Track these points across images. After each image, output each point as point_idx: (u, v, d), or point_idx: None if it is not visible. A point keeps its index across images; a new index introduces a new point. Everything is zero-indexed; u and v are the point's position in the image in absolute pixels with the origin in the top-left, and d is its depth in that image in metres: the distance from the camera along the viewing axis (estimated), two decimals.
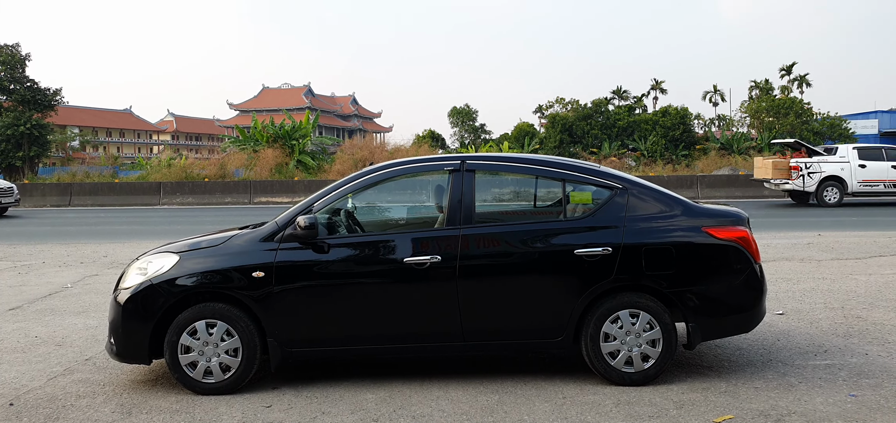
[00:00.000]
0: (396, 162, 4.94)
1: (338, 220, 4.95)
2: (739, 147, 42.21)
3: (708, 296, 4.56)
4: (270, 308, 4.45)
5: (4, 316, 6.97)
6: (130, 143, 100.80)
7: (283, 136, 33.09)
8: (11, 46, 40.17)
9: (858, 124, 53.72)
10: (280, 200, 25.31)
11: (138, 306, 4.49)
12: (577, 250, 4.48)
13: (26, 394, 4.60)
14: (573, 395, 4.37)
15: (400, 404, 4.29)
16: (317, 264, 4.50)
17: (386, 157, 31.18)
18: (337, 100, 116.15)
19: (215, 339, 4.46)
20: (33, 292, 8.22)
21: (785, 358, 5.07)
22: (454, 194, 4.63)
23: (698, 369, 4.86)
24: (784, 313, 6.47)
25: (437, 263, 4.45)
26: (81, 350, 5.65)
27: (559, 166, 4.90)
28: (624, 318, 4.49)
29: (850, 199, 19.35)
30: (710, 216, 4.68)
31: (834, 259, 9.59)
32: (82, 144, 74.71)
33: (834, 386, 4.45)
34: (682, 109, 49.29)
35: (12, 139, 38.61)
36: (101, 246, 12.47)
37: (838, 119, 48.82)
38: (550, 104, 60.56)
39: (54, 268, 10.01)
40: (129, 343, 4.52)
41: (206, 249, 4.64)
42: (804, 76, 66.79)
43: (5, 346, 5.82)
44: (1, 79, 39.87)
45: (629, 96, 61.47)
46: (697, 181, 25.62)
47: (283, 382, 4.71)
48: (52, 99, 41.30)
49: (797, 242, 11.47)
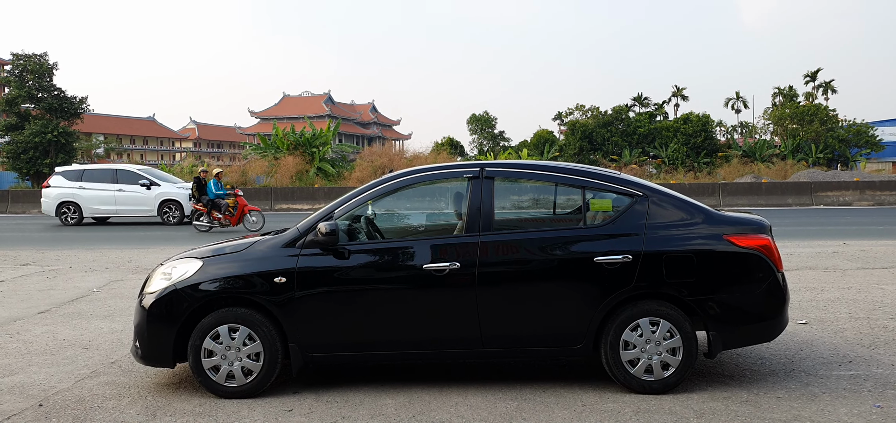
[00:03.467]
0: (416, 169, 4.98)
1: (358, 226, 5.00)
2: (762, 155, 41.74)
3: (729, 304, 4.52)
4: (292, 313, 4.50)
5: (33, 319, 7.12)
6: (153, 150, 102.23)
7: (304, 143, 33.38)
8: (40, 56, 41.00)
9: (885, 131, 52.85)
10: (301, 207, 25.51)
11: (163, 310, 4.57)
12: (596, 258, 4.47)
13: (55, 395, 4.70)
14: (592, 403, 4.36)
15: (419, 409, 4.31)
16: (337, 269, 4.55)
17: (404, 164, 31.29)
18: (356, 107, 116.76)
19: (237, 343, 4.52)
20: (61, 296, 8.38)
21: (808, 368, 5.01)
22: (473, 201, 4.65)
23: (719, 378, 4.83)
24: (807, 323, 6.39)
25: (456, 269, 4.47)
26: (107, 353, 5.76)
27: (579, 173, 4.90)
28: (644, 326, 4.47)
29: None
30: (731, 224, 4.65)
31: (860, 268, 9.45)
32: (107, 152, 76.12)
33: (858, 397, 4.39)
34: (704, 117, 48.89)
35: (40, 147, 39.38)
36: (126, 252, 12.67)
37: (865, 126, 48.09)
38: (570, 111, 60.39)
39: (81, 273, 10.19)
40: (154, 347, 4.60)
41: (229, 254, 4.70)
42: (829, 82, 65.86)
43: (34, 348, 5.95)
44: (29, 87, 40.68)
45: (650, 103, 61.04)
46: (719, 189, 25.40)
47: (304, 386, 4.76)
48: (78, 107, 42.04)
49: (822, 250, 11.31)
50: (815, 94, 63.66)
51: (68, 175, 20.15)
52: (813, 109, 48.02)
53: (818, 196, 25.06)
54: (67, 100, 41.41)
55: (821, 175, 30.07)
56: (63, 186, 19.71)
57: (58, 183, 19.90)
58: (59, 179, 20.00)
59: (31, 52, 41.01)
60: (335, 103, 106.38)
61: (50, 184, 20.05)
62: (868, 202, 24.71)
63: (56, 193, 19.65)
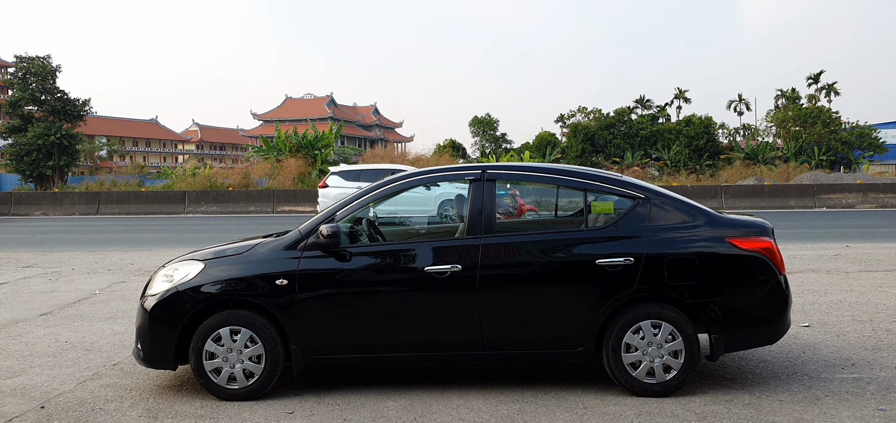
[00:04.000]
0: (418, 171, 4.98)
1: (360, 229, 5.00)
2: (765, 157, 41.67)
3: (731, 307, 4.52)
4: (293, 316, 4.50)
5: (36, 321, 7.13)
6: (156, 152, 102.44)
7: (306, 146, 33.42)
8: (43, 58, 41.13)
9: (888, 133, 52.75)
10: (303, 210, 25.53)
11: (164, 312, 4.58)
12: (598, 260, 4.47)
13: (57, 397, 4.70)
14: (594, 405, 4.35)
15: (420, 412, 4.31)
16: (339, 272, 4.55)
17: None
18: (359, 110, 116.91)
19: (239, 345, 4.53)
20: (63, 297, 8.39)
21: (811, 371, 5.00)
22: (475, 204, 4.65)
23: (721, 381, 4.82)
24: (810, 326, 6.38)
25: (457, 272, 4.46)
26: (109, 355, 5.76)
27: (580, 176, 4.90)
28: (646, 328, 4.47)
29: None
30: (733, 227, 4.64)
31: (863, 271, 9.43)
32: (110, 154, 76.26)
33: (861, 400, 4.38)
34: (707, 119, 48.83)
35: (43, 149, 39.50)
36: (128, 254, 12.69)
37: (867, 128, 48.01)
38: (572, 113, 60.42)
39: (83, 275, 10.20)
40: (156, 349, 4.61)
41: (231, 257, 4.71)
42: (832, 85, 65.77)
43: (37, 350, 5.96)
44: (33, 90, 40.80)
45: (652, 105, 61.04)
46: (721, 191, 25.36)
47: (306, 389, 4.76)
48: (81, 109, 42.16)
49: (824, 253, 11.29)
50: (818, 96, 63.59)
51: (345, 175, 19.63)
52: (816, 112, 47.96)
53: (821, 199, 25.01)
54: (70, 102, 41.53)
55: (823, 178, 30.00)
56: (340, 187, 18.98)
57: (335, 183, 19.36)
58: (336, 179, 19.53)
59: (34, 55, 41.20)
60: (338, 105, 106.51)
61: (327, 184, 19.46)
62: (871, 205, 24.65)
63: (334, 194, 18.64)
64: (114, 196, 27.73)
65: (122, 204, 27.01)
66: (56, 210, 26.87)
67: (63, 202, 27.41)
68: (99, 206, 27.02)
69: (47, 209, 27.04)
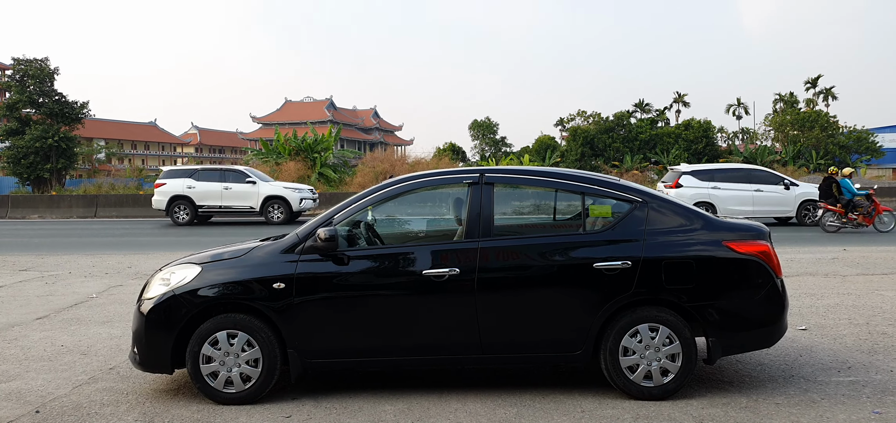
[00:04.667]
0: (416, 175, 4.98)
1: (358, 232, 5.00)
2: (763, 161, 41.75)
3: (728, 311, 4.52)
4: (291, 319, 4.50)
5: (32, 325, 7.11)
6: (155, 155, 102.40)
7: (306, 149, 33.41)
8: (41, 61, 41.08)
9: (886, 137, 52.82)
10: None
11: (161, 316, 4.57)
12: (596, 264, 4.47)
13: (52, 402, 4.69)
14: (592, 409, 4.35)
15: (418, 416, 4.30)
16: (336, 275, 4.55)
17: (406, 170, 31.31)
18: (358, 113, 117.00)
19: (236, 349, 4.52)
20: (59, 301, 8.38)
21: (807, 374, 5.00)
22: (473, 207, 4.65)
23: (719, 384, 4.82)
24: (807, 329, 6.38)
25: (455, 275, 4.46)
26: (106, 359, 5.75)
27: (578, 179, 4.90)
28: (643, 332, 4.47)
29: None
30: (730, 230, 4.64)
31: (859, 274, 9.44)
32: (108, 157, 76.19)
33: (857, 403, 4.39)
34: (705, 123, 48.96)
35: (41, 152, 39.43)
36: (126, 257, 12.67)
37: (865, 133, 48.12)
38: (572, 117, 60.49)
39: (80, 278, 10.19)
40: (152, 353, 4.60)
41: (228, 260, 4.70)
42: (830, 89, 65.91)
43: (32, 354, 5.94)
44: (30, 93, 40.75)
45: (651, 109, 61.11)
46: None
47: (303, 393, 4.75)
48: (79, 112, 42.10)
49: (821, 256, 11.30)
50: (816, 100, 63.74)
51: (699, 175, 18.55)
52: (813, 116, 48.07)
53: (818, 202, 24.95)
54: (68, 105, 41.47)
55: None
56: (695, 187, 17.86)
57: (689, 183, 18.06)
58: (690, 179, 18.12)
59: (32, 57, 41.14)
60: (337, 109, 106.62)
61: (681, 184, 18.17)
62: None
63: (690, 194, 17.47)
64: (112, 199, 27.68)
65: (120, 207, 26.96)
66: (53, 213, 26.82)
67: (60, 205, 27.36)
68: (97, 209, 26.98)
69: (44, 212, 26.99)
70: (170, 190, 20.47)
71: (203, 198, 20.41)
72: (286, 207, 20.27)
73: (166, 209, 20.53)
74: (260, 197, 20.31)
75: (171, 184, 20.59)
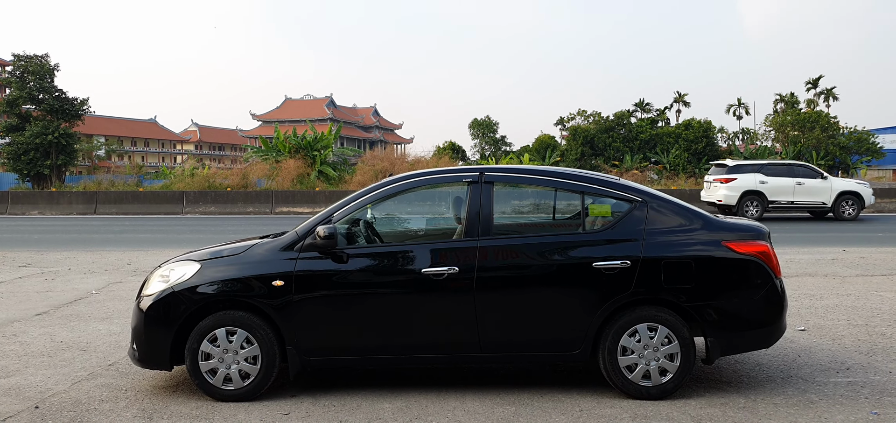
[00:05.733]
0: (416, 173, 4.98)
1: (357, 230, 5.00)
2: None
3: (727, 311, 4.52)
4: (290, 317, 4.50)
5: (31, 321, 7.12)
6: (155, 152, 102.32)
7: (305, 146, 33.40)
8: (41, 57, 41.02)
9: (887, 138, 52.83)
10: (301, 211, 25.52)
11: (160, 312, 4.57)
12: (595, 263, 4.47)
13: (51, 398, 4.69)
14: (590, 408, 4.36)
15: (416, 414, 4.31)
16: (336, 273, 4.55)
17: (406, 168, 31.30)
18: (358, 111, 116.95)
19: (235, 346, 4.52)
20: (59, 297, 8.38)
21: (806, 375, 5.01)
22: (472, 206, 4.65)
23: (717, 384, 4.82)
24: (806, 330, 6.39)
25: (454, 274, 4.47)
26: (105, 356, 5.75)
27: (578, 179, 4.90)
28: (642, 332, 4.47)
29: None
30: (730, 230, 4.65)
31: (859, 275, 9.44)
32: (108, 153, 76.19)
33: (856, 404, 4.39)
34: (706, 123, 48.93)
35: (41, 148, 39.40)
36: (125, 254, 12.68)
37: (866, 133, 48.09)
38: (572, 117, 60.42)
39: (79, 275, 10.19)
40: (151, 349, 4.60)
41: (228, 257, 4.71)
42: (831, 89, 65.90)
43: (32, 350, 5.95)
44: (31, 89, 40.70)
45: (652, 109, 61.08)
46: None
47: (302, 390, 4.76)
48: (79, 109, 42.06)
49: (821, 257, 11.30)
50: (817, 101, 63.74)
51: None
52: (814, 116, 48.03)
53: None
54: (68, 101, 41.43)
55: None
56: None
57: None
58: None
59: (32, 53, 41.05)
60: (337, 107, 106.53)
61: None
62: (868, 210, 24.65)
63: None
64: (111, 196, 27.68)
65: (120, 204, 26.96)
66: (53, 210, 26.81)
67: (60, 202, 27.35)
68: (96, 206, 26.98)
69: (44, 209, 26.98)
70: (741, 185, 19.08)
71: (775, 193, 19.07)
72: (859, 202, 19.15)
73: (736, 206, 18.93)
74: (833, 193, 19.05)
75: (741, 179, 19.17)
